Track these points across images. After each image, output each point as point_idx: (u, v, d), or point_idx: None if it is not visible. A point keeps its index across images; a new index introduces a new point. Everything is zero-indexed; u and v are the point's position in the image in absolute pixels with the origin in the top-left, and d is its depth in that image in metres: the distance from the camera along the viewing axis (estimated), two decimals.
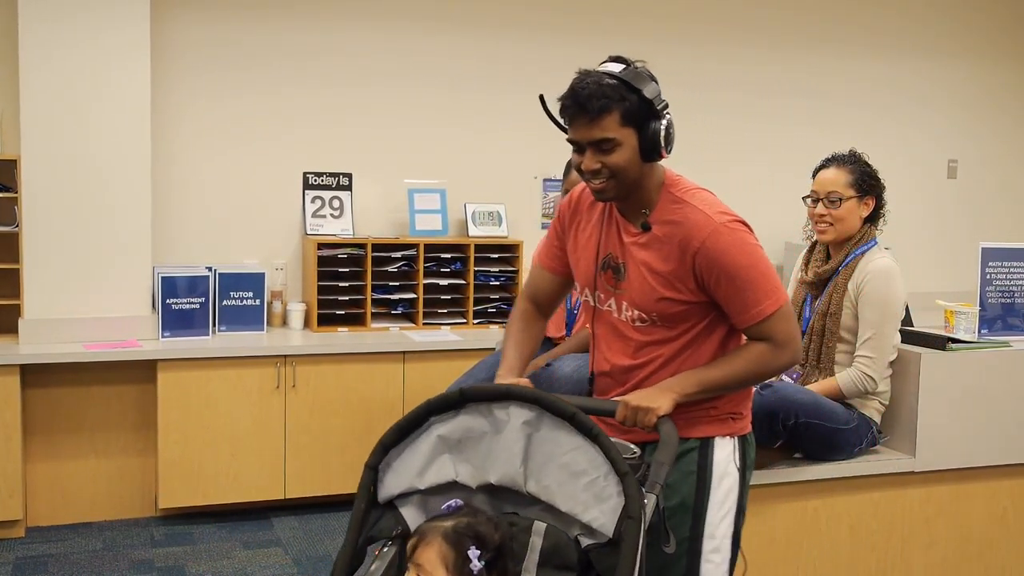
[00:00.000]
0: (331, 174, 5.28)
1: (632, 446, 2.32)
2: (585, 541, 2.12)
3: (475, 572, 2.03)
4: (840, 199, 3.27)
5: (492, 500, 2.22)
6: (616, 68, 2.38)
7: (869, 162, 3.33)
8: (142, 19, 4.71)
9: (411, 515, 2.19)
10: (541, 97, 2.51)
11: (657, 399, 2.33)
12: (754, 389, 3.14)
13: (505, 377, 2.50)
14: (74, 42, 4.62)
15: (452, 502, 2.17)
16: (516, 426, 2.14)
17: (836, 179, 3.29)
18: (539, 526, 2.13)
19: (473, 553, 2.03)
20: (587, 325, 3.64)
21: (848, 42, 6.42)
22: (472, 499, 2.20)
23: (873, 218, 3.33)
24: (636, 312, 2.45)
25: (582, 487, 2.10)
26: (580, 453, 2.10)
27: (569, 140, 2.42)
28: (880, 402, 3.29)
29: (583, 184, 2.51)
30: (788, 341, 2.43)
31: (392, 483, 2.19)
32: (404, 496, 2.21)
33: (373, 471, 2.18)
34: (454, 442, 2.18)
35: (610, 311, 2.51)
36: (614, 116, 2.35)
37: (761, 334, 2.41)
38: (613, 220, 2.49)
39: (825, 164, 3.36)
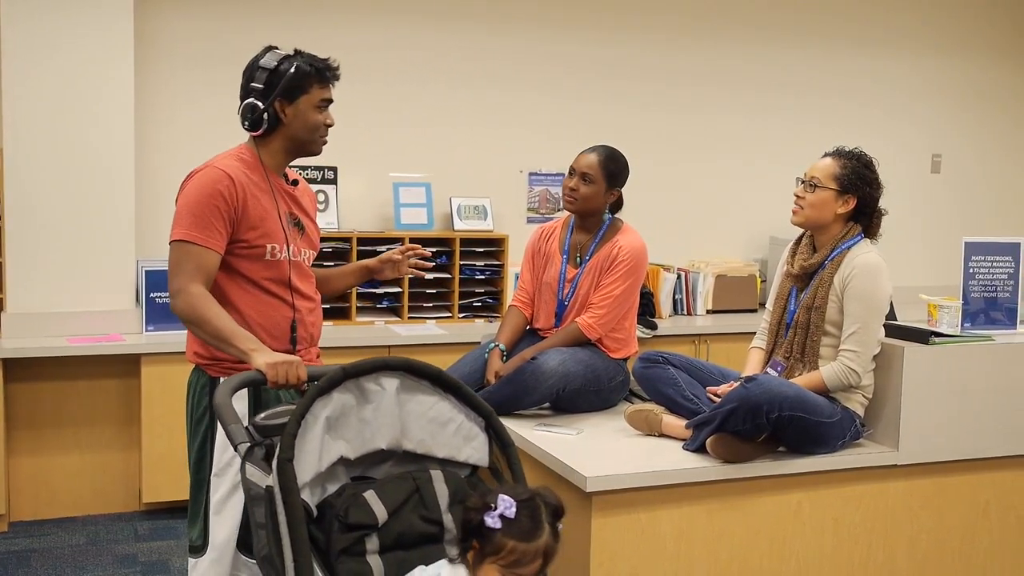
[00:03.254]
0: (316, 167, 5.27)
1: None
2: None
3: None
4: (816, 186, 3.29)
5: (369, 464, 2.42)
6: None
7: (871, 167, 3.33)
8: (126, 12, 4.69)
9: (308, 497, 2.24)
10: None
11: None
12: (738, 382, 3.17)
13: (261, 351, 2.61)
14: (57, 35, 4.60)
15: None
16: (392, 393, 2.38)
17: (824, 168, 3.31)
18: (436, 474, 2.39)
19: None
20: (576, 320, 3.69)
21: (831, 36, 6.44)
22: (339, 470, 2.35)
23: (858, 218, 3.34)
24: (311, 252, 3.06)
25: (451, 433, 2.45)
26: (442, 406, 2.45)
27: (326, 98, 2.98)
28: (863, 395, 3.31)
29: (228, 167, 2.86)
30: None
31: (304, 473, 2.20)
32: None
33: (292, 465, 2.16)
34: (334, 421, 2.30)
35: (299, 260, 3.00)
36: None
37: None
38: (275, 185, 2.97)
39: (827, 153, 3.38)
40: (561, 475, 3.05)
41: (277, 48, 2.95)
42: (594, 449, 3.21)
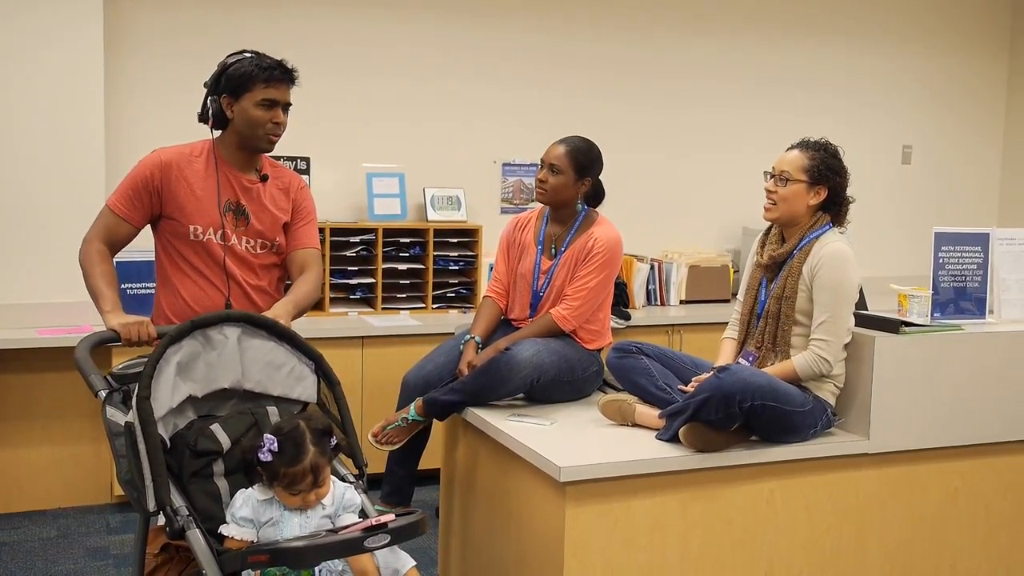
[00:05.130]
0: (289, 158, 5.24)
1: None
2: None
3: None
4: (788, 179, 3.32)
5: (215, 403, 2.79)
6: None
7: (838, 156, 3.36)
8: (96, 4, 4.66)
9: (161, 430, 2.56)
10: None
11: (287, 313, 3.09)
12: (711, 372, 3.19)
13: (114, 313, 2.97)
14: (21, 19, 4.54)
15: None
16: (233, 341, 2.76)
17: (793, 161, 3.34)
18: (272, 410, 2.79)
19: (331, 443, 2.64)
20: (550, 311, 3.70)
21: (803, 28, 6.47)
22: (188, 409, 2.73)
23: (828, 208, 3.37)
24: (259, 242, 3.26)
25: (285, 375, 2.84)
26: (278, 352, 2.84)
27: (269, 98, 3.14)
28: (835, 385, 3.34)
29: (168, 153, 3.21)
30: None
31: (159, 409, 2.56)
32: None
33: (149, 401, 2.51)
34: (184, 365, 2.67)
35: (234, 245, 3.23)
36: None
37: (310, 258, 3.37)
38: (223, 173, 3.22)
39: (793, 146, 3.41)
40: (535, 465, 3.06)
41: (245, 51, 3.19)
42: (568, 439, 3.23)
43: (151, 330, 2.92)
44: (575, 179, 3.76)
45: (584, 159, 3.77)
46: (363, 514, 2.70)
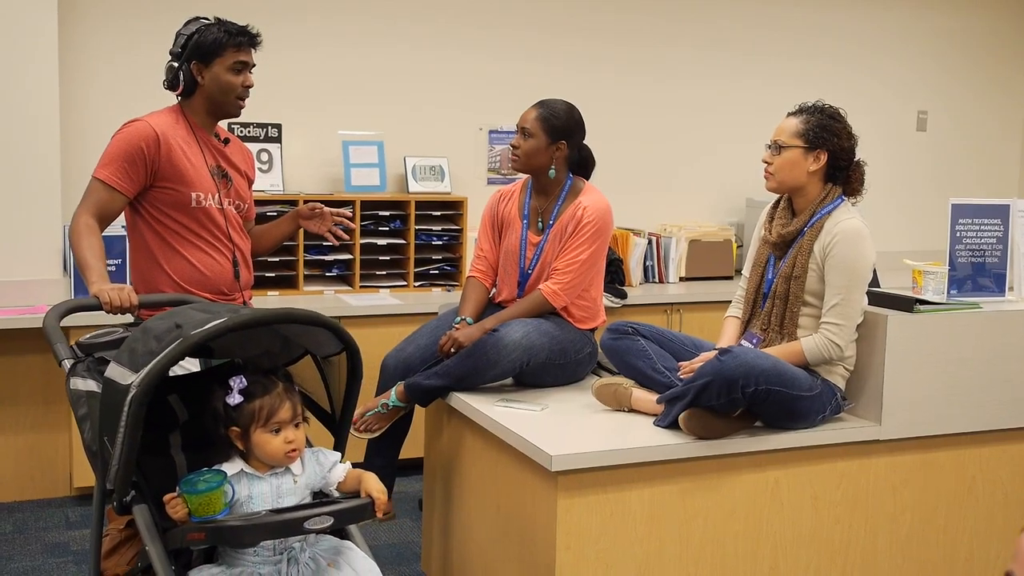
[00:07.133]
0: (259, 125, 5.22)
1: None
2: None
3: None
4: (782, 147, 3.32)
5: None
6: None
7: (837, 117, 3.35)
8: None
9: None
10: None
11: None
12: (713, 355, 3.20)
13: (99, 283, 3.06)
14: None
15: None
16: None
17: (786, 127, 3.34)
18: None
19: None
20: (539, 287, 3.70)
21: None
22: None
23: (835, 176, 3.35)
24: (238, 203, 3.57)
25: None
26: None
27: (241, 61, 3.44)
28: (845, 367, 3.35)
29: (155, 122, 3.37)
30: None
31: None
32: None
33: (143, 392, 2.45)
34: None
35: (228, 209, 3.51)
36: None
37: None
38: (201, 140, 3.47)
39: (789, 113, 3.41)
40: (524, 454, 3.07)
41: (201, 17, 3.43)
42: (560, 426, 3.23)
43: (133, 297, 3.04)
44: (548, 142, 3.74)
45: (557, 121, 3.74)
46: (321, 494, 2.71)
